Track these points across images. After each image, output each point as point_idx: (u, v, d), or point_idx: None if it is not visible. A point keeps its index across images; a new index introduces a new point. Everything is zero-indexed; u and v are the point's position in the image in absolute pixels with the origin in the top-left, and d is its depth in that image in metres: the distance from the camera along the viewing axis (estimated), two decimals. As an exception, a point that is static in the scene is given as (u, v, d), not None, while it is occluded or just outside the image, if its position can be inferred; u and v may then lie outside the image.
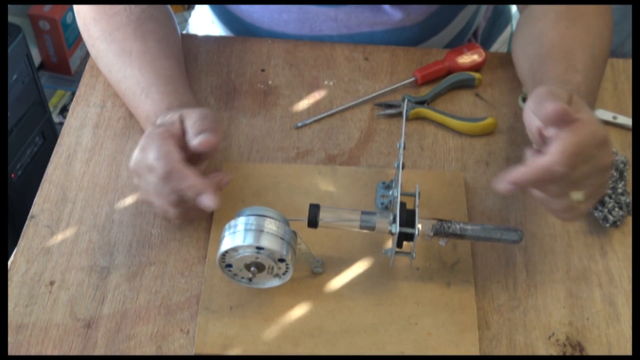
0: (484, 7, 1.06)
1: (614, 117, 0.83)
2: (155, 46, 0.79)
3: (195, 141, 0.65)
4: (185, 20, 1.16)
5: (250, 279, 0.66)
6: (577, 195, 0.59)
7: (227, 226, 0.63)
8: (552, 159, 0.57)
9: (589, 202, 0.62)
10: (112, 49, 0.79)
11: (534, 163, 0.58)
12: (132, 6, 0.80)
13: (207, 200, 0.63)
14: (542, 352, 0.66)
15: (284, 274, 0.65)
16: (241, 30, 0.95)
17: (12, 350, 0.64)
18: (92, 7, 0.80)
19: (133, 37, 0.79)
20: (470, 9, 0.99)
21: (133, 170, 0.67)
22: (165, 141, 0.65)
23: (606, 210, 0.72)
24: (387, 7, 0.89)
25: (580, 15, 0.78)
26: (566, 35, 0.77)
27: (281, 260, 0.63)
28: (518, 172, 0.59)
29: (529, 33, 0.82)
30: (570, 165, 0.57)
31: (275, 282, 0.66)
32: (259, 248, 0.61)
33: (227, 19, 0.97)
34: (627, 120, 0.82)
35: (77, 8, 0.83)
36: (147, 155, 0.65)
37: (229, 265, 0.64)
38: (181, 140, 0.67)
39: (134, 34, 0.79)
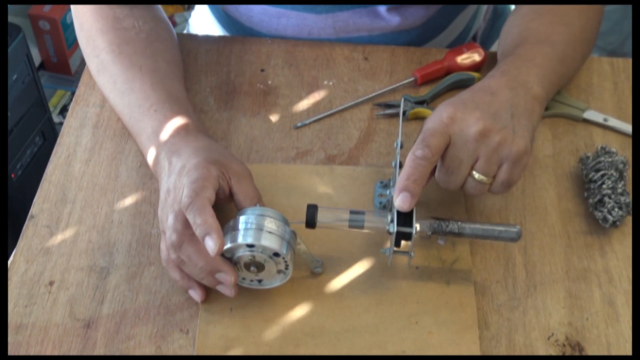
0: (483, 10, 1.06)
1: (605, 120, 0.82)
2: (165, 67, 0.78)
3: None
4: (185, 20, 1.16)
5: (245, 279, 0.65)
6: (477, 175, 0.65)
7: (226, 226, 0.63)
8: (413, 149, 0.64)
9: (510, 172, 0.65)
10: (120, 60, 0.76)
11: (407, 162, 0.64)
12: (141, 23, 0.79)
13: (211, 243, 0.59)
14: (541, 352, 0.66)
15: (283, 274, 0.65)
16: (240, 33, 0.95)
17: (11, 351, 0.64)
18: (98, 19, 0.78)
19: (143, 54, 0.77)
20: (468, 12, 0.99)
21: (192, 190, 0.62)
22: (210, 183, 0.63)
23: (606, 210, 0.72)
24: (384, 12, 0.89)
25: (551, 9, 0.78)
26: (525, 29, 0.78)
27: (284, 261, 0.63)
28: (400, 179, 0.63)
29: (503, 31, 0.84)
30: (430, 148, 0.63)
31: (274, 283, 0.66)
32: (252, 246, 0.61)
33: (226, 22, 0.97)
34: (618, 123, 0.82)
35: (80, 19, 0.80)
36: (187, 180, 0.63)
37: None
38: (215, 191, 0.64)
39: (144, 51, 0.77)
